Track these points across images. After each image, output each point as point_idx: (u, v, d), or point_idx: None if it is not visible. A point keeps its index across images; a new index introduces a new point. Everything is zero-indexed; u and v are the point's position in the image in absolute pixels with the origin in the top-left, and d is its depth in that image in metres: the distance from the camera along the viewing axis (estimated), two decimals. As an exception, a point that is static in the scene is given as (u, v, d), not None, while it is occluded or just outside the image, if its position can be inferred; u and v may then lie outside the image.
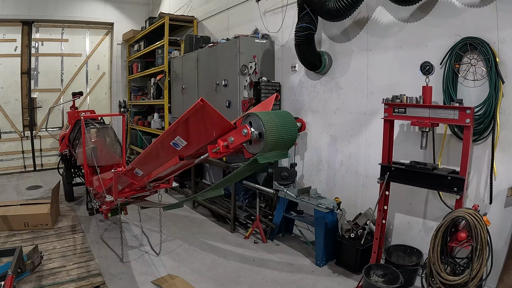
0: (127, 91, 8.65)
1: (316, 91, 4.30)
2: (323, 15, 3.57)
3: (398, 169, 2.86)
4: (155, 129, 7.02)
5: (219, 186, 2.27)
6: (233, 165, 4.38)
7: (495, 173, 2.74)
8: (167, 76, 6.49)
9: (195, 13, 6.80)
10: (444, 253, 2.36)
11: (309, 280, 3.25)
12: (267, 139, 1.56)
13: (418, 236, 3.28)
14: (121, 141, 4.77)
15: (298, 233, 4.28)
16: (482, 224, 2.21)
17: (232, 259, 3.67)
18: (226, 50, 4.86)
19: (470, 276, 2.20)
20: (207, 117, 1.62)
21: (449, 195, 2.84)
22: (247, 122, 1.64)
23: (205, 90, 5.38)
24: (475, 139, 2.80)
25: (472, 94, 2.83)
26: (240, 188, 4.76)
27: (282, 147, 1.70)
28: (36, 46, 7.85)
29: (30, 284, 3.07)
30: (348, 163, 3.96)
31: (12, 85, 7.62)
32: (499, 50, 2.67)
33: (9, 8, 7.31)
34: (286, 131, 1.66)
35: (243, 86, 4.61)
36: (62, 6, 7.81)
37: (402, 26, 3.33)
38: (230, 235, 4.28)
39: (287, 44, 4.60)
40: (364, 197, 3.79)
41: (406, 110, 2.74)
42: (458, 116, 2.46)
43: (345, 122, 3.96)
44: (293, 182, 4.06)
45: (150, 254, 3.75)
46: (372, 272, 2.89)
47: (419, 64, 2.84)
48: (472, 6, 2.81)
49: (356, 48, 3.79)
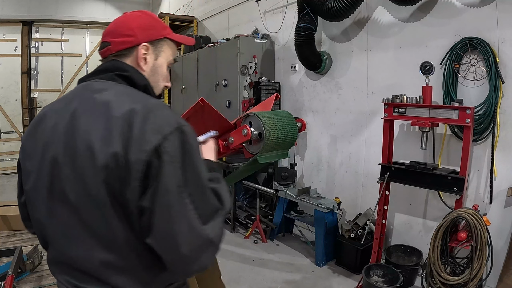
0: (127, 91, 8.65)
1: (316, 91, 4.30)
2: (323, 15, 3.57)
3: (398, 169, 2.85)
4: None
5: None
6: (233, 165, 4.37)
7: (495, 173, 2.74)
8: (167, 76, 6.49)
9: (195, 13, 6.80)
10: (444, 253, 2.36)
11: (309, 280, 3.25)
12: (267, 139, 1.56)
13: (418, 236, 3.28)
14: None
15: (298, 233, 4.27)
16: (482, 224, 2.21)
17: (232, 259, 3.67)
18: (226, 50, 4.86)
19: (470, 276, 2.20)
20: (207, 117, 1.62)
21: (449, 195, 2.84)
22: (247, 122, 1.64)
23: (205, 90, 5.38)
24: (475, 139, 2.80)
25: (472, 94, 2.83)
26: (240, 188, 4.76)
27: (282, 147, 1.70)
28: (36, 46, 7.84)
29: (30, 284, 3.06)
30: (348, 163, 3.96)
31: (12, 85, 7.62)
32: (499, 50, 2.67)
33: (9, 8, 7.30)
34: (286, 131, 1.66)
35: (243, 86, 4.61)
36: (62, 6, 7.80)
37: (402, 26, 3.32)
38: (230, 235, 4.28)
39: (287, 44, 4.60)
40: (364, 197, 3.79)
41: (406, 110, 2.74)
42: (458, 116, 2.46)
43: (345, 122, 3.96)
44: (293, 182, 4.06)
45: (150, 254, 3.75)
46: (372, 272, 2.88)
47: (419, 64, 2.85)
48: (472, 6, 2.80)
49: (356, 48, 3.79)
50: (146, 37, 1.05)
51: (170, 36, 1.11)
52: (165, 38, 1.10)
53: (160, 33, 1.08)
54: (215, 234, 0.88)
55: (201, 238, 0.86)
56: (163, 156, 0.83)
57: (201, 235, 0.86)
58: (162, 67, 1.11)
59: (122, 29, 1.05)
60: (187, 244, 0.85)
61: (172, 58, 1.14)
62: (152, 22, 1.09)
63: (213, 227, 0.88)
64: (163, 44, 1.10)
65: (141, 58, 1.04)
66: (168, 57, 1.12)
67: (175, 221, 0.83)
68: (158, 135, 0.84)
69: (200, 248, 0.87)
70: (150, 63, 1.07)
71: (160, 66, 1.10)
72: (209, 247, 0.88)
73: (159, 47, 1.09)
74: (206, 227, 0.87)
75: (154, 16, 1.13)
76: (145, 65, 1.06)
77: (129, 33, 1.04)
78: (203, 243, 0.87)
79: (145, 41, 1.04)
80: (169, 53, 1.12)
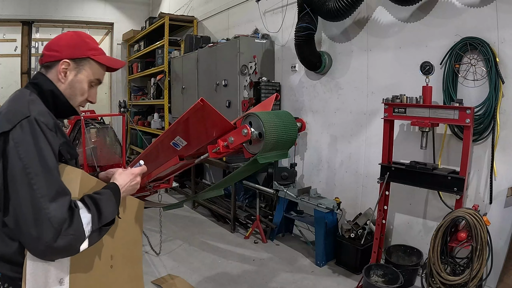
0: (127, 91, 8.65)
1: (316, 91, 4.30)
2: (323, 15, 3.57)
3: (398, 169, 2.86)
4: (155, 129, 7.01)
5: (219, 186, 2.27)
6: (233, 165, 4.38)
7: (495, 173, 2.74)
8: (167, 76, 6.49)
9: (195, 13, 6.80)
10: (444, 253, 2.36)
11: (309, 280, 3.25)
12: (267, 139, 1.56)
13: (418, 236, 3.28)
14: (121, 141, 4.77)
15: (298, 233, 4.28)
16: (482, 224, 2.21)
17: (232, 259, 3.67)
18: (226, 50, 4.86)
19: (470, 276, 2.20)
20: (207, 117, 1.62)
21: (449, 195, 2.84)
22: (247, 122, 1.64)
23: (205, 90, 5.38)
24: (475, 139, 2.80)
25: (472, 94, 2.83)
26: (240, 188, 4.76)
27: (282, 147, 1.70)
28: (36, 46, 7.84)
29: (30, 284, 3.06)
30: (348, 163, 3.96)
31: (12, 85, 7.61)
32: (499, 50, 2.67)
33: (9, 8, 7.30)
34: (286, 131, 1.66)
35: (243, 86, 4.61)
36: (62, 6, 7.80)
37: (402, 26, 3.32)
38: (230, 235, 4.28)
39: (287, 44, 4.60)
40: (364, 197, 3.79)
41: (406, 110, 2.74)
42: (458, 116, 2.46)
43: (345, 122, 3.96)
44: (293, 182, 4.06)
45: (150, 254, 3.75)
46: (372, 272, 2.89)
47: (419, 64, 2.85)
48: (472, 6, 2.81)
49: (356, 48, 3.79)
50: (69, 54, 1.22)
51: (94, 58, 1.26)
52: (89, 58, 1.25)
53: (83, 53, 1.24)
54: (54, 215, 1.00)
55: (40, 216, 0.99)
56: (10, 140, 1.03)
57: (41, 213, 0.99)
58: (82, 84, 1.26)
59: (53, 45, 1.25)
60: (27, 220, 1.00)
61: (94, 77, 1.28)
62: (80, 43, 1.25)
63: (55, 209, 1.01)
64: (85, 63, 1.25)
65: (59, 72, 1.22)
66: (89, 75, 1.27)
67: (20, 201, 1.01)
68: (9, 124, 1.05)
69: (40, 227, 0.99)
70: (69, 78, 1.23)
71: (79, 82, 1.25)
72: (50, 227, 0.99)
73: (81, 65, 1.25)
74: (48, 206, 1.00)
75: (86, 38, 1.28)
76: (63, 79, 1.23)
77: (56, 48, 1.23)
78: (43, 221, 0.99)
79: (67, 58, 1.22)
80: (91, 72, 1.27)
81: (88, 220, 1.09)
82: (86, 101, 1.32)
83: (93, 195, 1.16)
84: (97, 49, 1.29)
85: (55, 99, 1.23)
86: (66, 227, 1.02)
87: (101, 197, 1.17)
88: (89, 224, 1.09)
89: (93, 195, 1.16)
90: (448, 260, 2.34)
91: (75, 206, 1.08)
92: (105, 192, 1.21)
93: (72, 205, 1.07)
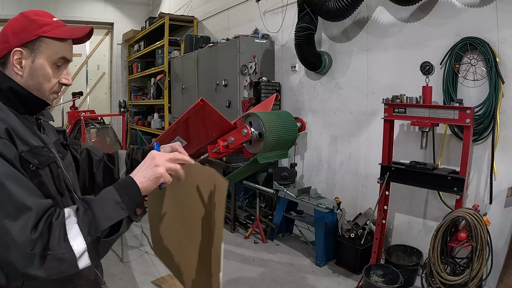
0: (127, 91, 8.65)
1: (316, 91, 4.30)
2: (323, 15, 3.56)
3: (398, 169, 2.86)
4: (155, 129, 7.01)
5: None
6: (233, 165, 4.37)
7: (495, 173, 2.74)
8: (167, 76, 6.49)
9: (195, 13, 6.80)
10: (444, 253, 2.36)
11: (309, 280, 3.25)
12: (267, 139, 1.56)
13: (418, 236, 3.28)
14: (121, 141, 4.77)
15: (298, 233, 4.28)
16: (482, 224, 2.21)
17: (232, 259, 3.67)
18: (226, 50, 4.86)
19: (470, 276, 2.20)
20: (207, 117, 1.63)
21: (449, 195, 2.84)
22: (247, 122, 1.64)
23: (205, 90, 5.38)
24: (475, 139, 2.79)
25: (472, 94, 2.83)
26: (240, 188, 4.76)
27: (282, 147, 1.70)
28: (36, 46, 7.84)
29: (30, 284, 3.06)
30: (348, 163, 3.96)
31: (12, 85, 7.61)
32: (499, 50, 2.67)
33: (9, 8, 7.30)
34: (286, 131, 1.66)
35: (243, 86, 4.61)
36: (62, 6, 7.80)
37: (402, 26, 3.33)
38: (230, 235, 4.28)
39: (287, 44, 4.60)
40: (364, 197, 3.79)
41: (406, 110, 2.74)
42: (458, 116, 2.46)
43: (345, 122, 3.96)
44: (293, 182, 4.06)
45: (150, 254, 3.75)
46: (372, 272, 2.89)
47: (419, 64, 2.84)
48: (472, 6, 2.80)
49: (356, 48, 3.79)
50: (17, 41, 1.03)
51: (47, 35, 1.05)
52: (41, 37, 1.05)
53: (32, 34, 1.04)
54: (19, 237, 0.84)
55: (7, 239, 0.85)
56: None
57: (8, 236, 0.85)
58: (43, 69, 1.06)
59: (1, 36, 1.05)
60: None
61: (57, 57, 1.08)
62: (25, 25, 1.05)
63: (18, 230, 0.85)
64: (40, 45, 1.05)
65: (14, 64, 1.03)
66: (49, 56, 1.07)
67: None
68: None
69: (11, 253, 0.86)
70: (26, 68, 1.05)
71: (39, 68, 1.06)
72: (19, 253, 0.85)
73: (35, 49, 1.05)
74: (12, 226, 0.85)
75: (33, 15, 1.07)
76: (20, 70, 1.04)
77: (4, 39, 1.04)
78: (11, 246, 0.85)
79: (16, 46, 1.03)
80: (50, 52, 1.07)
81: (77, 232, 0.89)
82: (60, 85, 1.12)
83: (87, 198, 0.97)
84: (50, 23, 1.07)
85: (17, 95, 1.05)
86: (41, 249, 0.85)
87: (93, 199, 0.97)
88: (79, 236, 0.89)
89: (86, 198, 0.97)
90: (448, 260, 2.34)
91: (56, 218, 0.89)
92: (105, 192, 1.00)
93: (43, 220, 0.88)
